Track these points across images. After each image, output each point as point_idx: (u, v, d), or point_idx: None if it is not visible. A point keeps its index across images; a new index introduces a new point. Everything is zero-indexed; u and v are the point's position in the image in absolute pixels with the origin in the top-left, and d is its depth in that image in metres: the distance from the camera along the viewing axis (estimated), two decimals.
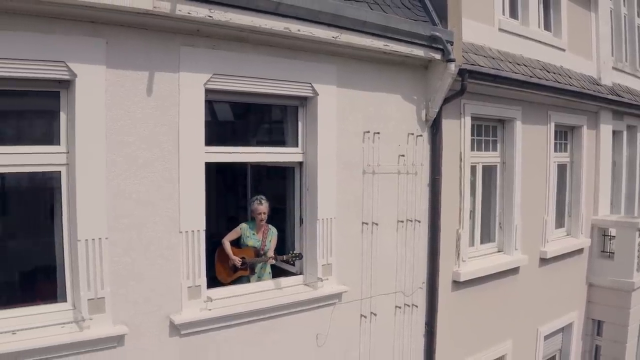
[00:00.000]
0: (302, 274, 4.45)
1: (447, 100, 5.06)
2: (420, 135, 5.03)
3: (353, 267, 4.57)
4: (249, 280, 4.45)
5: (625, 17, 8.98)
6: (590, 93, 7.16)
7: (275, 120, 4.63)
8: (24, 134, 3.46)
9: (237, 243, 4.55)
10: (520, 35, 6.34)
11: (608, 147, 8.16)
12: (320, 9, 3.77)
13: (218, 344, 3.81)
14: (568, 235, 7.62)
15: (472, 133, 5.75)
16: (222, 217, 6.45)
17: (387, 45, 4.33)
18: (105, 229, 3.31)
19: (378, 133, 4.65)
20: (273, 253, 4.45)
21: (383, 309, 4.81)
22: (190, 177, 3.61)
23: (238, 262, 4.40)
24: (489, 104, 5.86)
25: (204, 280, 3.74)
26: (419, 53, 4.61)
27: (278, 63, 3.98)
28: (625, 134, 8.85)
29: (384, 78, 4.69)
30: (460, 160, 5.54)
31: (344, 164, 4.44)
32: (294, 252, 4.38)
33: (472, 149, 5.77)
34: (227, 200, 6.91)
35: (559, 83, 6.49)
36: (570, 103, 7.05)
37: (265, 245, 4.52)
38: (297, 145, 4.34)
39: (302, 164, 4.37)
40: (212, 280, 4.12)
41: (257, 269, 4.51)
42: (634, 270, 7.32)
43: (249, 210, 4.85)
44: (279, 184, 5.12)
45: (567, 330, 7.62)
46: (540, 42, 6.68)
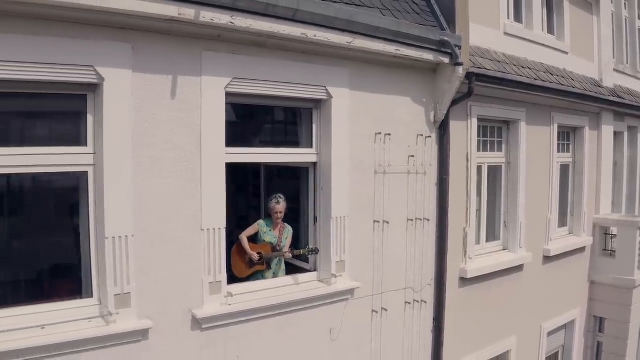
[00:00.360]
0: (316, 271, 4.60)
1: (454, 103, 5.20)
2: (429, 137, 5.17)
3: (365, 264, 4.72)
4: (264, 276, 4.59)
5: (626, 19, 9.13)
6: (593, 95, 7.31)
7: (291, 122, 4.78)
8: (52, 136, 3.57)
9: (253, 239, 4.69)
10: (525, 39, 6.49)
11: (609, 147, 8.32)
12: (336, 15, 3.92)
13: (237, 338, 3.95)
14: (571, 234, 7.77)
15: (478, 134, 5.90)
16: (233, 215, 6.57)
17: (398, 50, 4.48)
18: (132, 227, 3.45)
19: (389, 134, 4.80)
20: (289, 249, 4.59)
21: (393, 305, 4.96)
22: (212, 177, 3.76)
23: (256, 256, 4.54)
24: (495, 106, 6.01)
25: (225, 276, 3.88)
26: (429, 57, 4.75)
27: (294, 67, 4.12)
28: (626, 135, 8.99)
29: (394, 81, 4.84)
30: (467, 161, 5.69)
31: (357, 165, 4.59)
32: (310, 247, 4.52)
33: (478, 150, 5.92)
34: (238, 200, 7.05)
35: (562, 85, 6.65)
36: (573, 105, 7.20)
37: (282, 242, 4.66)
38: (311, 147, 4.48)
39: (316, 165, 4.52)
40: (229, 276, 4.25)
41: (272, 265, 4.65)
42: (635, 268, 7.46)
43: (263, 208, 4.98)
44: (291, 184, 5.26)
45: (569, 327, 7.76)
46: (544, 45, 6.83)
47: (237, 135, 4.10)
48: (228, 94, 3.83)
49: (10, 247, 3.75)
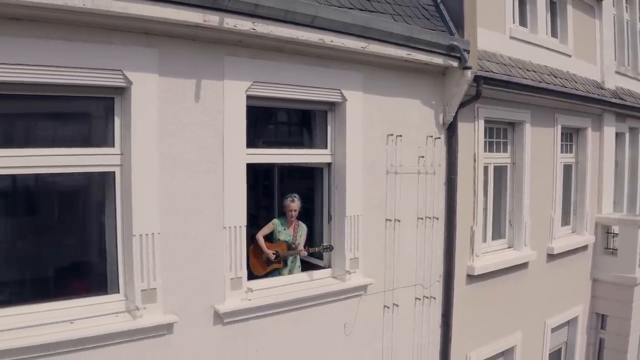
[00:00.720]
0: (330, 268, 4.75)
1: (462, 105, 5.36)
2: (438, 138, 5.33)
3: (377, 260, 4.87)
4: (281, 273, 4.73)
5: (628, 22, 9.30)
6: (595, 97, 7.48)
7: (306, 124, 4.93)
8: (80, 137, 3.70)
9: (269, 238, 4.84)
10: (530, 43, 6.65)
11: (611, 148, 8.48)
12: (353, 22, 4.08)
13: (256, 332, 4.10)
14: (573, 233, 7.93)
15: (484, 135, 6.05)
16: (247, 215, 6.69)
17: (409, 54, 4.63)
18: (158, 225, 3.59)
19: (400, 136, 4.96)
20: (304, 247, 4.74)
21: (404, 301, 5.11)
22: (233, 177, 3.91)
23: (272, 255, 4.69)
24: (501, 108, 6.17)
25: (245, 272, 4.03)
26: (439, 61, 4.91)
27: (311, 71, 4.27)
28: (628, 136, 9.16)
29: (405, 84, 4.99)
30: (474, 161, 5.85)
31: (370, 165, 4.74)
32: (324, 244, 4.67)
33: (484, 150, 6.08)
34: (250, 199, 7.16)
35: (566, 88, 6.81)
36: (576, 106, 7.36)
37: (296, 240, 4.81)
38: (326, 147, 4.64)
39: (330, 165, 4.67)
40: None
41: (288, 262, 4.80)
42: (636, 266, 7.62)
43: (277, 207, 5.11)
44: (303, 184, 5.41)
45: (572, 324, 7.92)
46: (548, 48, 6.99)
47: (255, 137, 4.25)
48: (248, 97, 3.97)
49: (40, 245, 3.88)
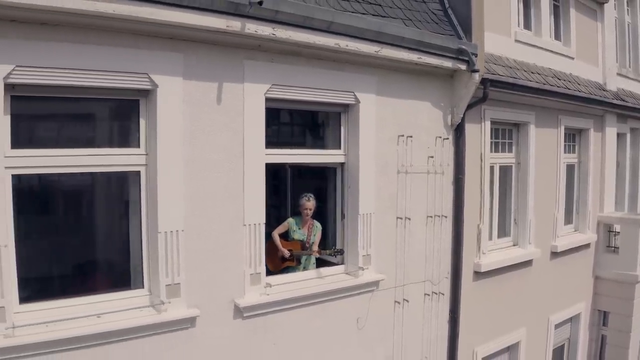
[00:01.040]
0: (343, 264, 4.91)
1: (470, 107, 5.52)
2: (447, 138, 5.49)
3: (388, 257, 5.03)
4: (295, 271, 4.89)
5: (629, 25, 9.47)
6: (597, 98, 7.64)
7: (320, 125, 5.09)
8: (106, 138, 3.87)
9: (284, 236, 4.99)
10: (534, 46, 6.81)
11: (613, 148, 8.65)
12: (367, 27, 4.24)
13: (273, 326, 4.25)
14: (576, 231, 8.09)
15: (490, 136, 6.21)
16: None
17: (420, 58, 4.79)
18: (182, 222, 3.74)
19: (411, 137, 5.12)
20: (317, 247, 4.90)
21: (414, 296, 5.27)
22: (253, 176, 4.06)
23: (287, 253, 4.85)
24: (506, 109, 6.33)
25: (264, 268, 4.19)
26: (447, 64, 5.07)
27: (326, 74, 4.43)
28: (629, 136, 9.33)
29: (415, 87, 5.15)
30: (481, 161, 6.01)
31: (382, 165, 4.90)
32: (336, 247, 4.84)
33: (490, 151, 6.24)
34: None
35: (569, 89, 6.97)
36: (579, 108, 7.53)
37: (311, 239, 4.96)
38: (339, 148, 4.80)
39: (344, 165, 4.83)
40: None
41: (302, 260, 4.95)
42: (638, 264, 7.78)
43: (290, 207, 5.26)
44: (315, 183, 5.57)
45: (575, 320, 8.09)
46: (552, 51, 7.15)
47: (273, 137, 4.40)
48: (267, 99, 4.13)
49: (67, 241, 4.03)
